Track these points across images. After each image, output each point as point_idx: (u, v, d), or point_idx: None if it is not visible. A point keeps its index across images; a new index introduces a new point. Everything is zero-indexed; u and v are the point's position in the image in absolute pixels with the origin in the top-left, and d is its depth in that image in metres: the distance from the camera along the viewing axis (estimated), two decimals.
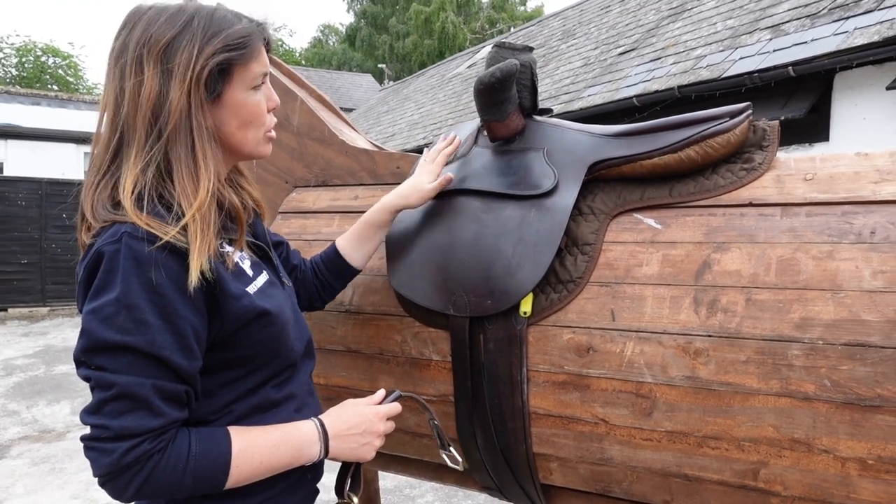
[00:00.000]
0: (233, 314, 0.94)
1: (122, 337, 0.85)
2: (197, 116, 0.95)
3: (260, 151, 1.08)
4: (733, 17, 6.23)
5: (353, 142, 1.74)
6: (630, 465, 1.20)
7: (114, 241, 0.87)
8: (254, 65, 1.00)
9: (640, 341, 1.15)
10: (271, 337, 1.00)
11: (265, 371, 1.02)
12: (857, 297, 1.01)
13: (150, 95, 0.93)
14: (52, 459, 4.23)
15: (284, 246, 1.34)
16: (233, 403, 0.99)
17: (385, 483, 3.73)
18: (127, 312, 0.85)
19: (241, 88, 1.00)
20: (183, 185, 0.92)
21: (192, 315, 0.90)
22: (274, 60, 1.89)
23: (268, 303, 1.00)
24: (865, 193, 1.09)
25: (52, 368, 6.88)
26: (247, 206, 1.12)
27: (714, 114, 1.23)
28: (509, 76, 1.31)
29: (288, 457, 0.98)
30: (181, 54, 0.93)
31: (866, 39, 4.27)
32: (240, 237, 1.01)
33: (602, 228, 1.26)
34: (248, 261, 1.03)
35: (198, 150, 0.94)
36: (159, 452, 0.87)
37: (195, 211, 0.91)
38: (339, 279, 1.37)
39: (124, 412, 0.85)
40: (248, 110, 1.02)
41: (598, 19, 9.78)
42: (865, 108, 4.55)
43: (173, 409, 0.89)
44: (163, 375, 0.88)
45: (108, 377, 0.85)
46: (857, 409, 0.99)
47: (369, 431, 1.07)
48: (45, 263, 11.00)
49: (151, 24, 0.95)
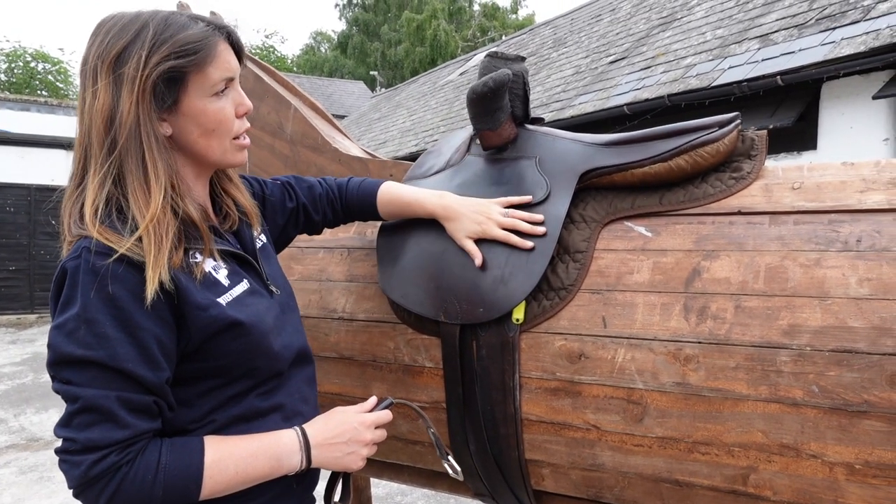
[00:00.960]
0: (198, 325, 0.93)
1: (84, 351, 0.85)
2: (146, 127, 0.93)
3: (228, 160, 1.05)
4: (722, 26, 6.30)
5: (347, 150, 1.75)
6: (621, 470, 1.21)
7: (75, 256, 0.88)
8: (211, 70, 0.97)
9: (632, 348, 1.16)
10: (246, 347, 0.98)
11: (246, 381, 1.01)
12: (843, 304, 1.03)
13: (103, 108, 0.92)
14: (40, 468, 4.19)
15: (298, 204, 1.32)
16: (213, 413, 0.98)
17: (377, 490, 3.72)
18: (87, 327, 0.85)
19: (200, 96, 0.97)
20: (136, 197, 0.92)
21: (156, 326, 0.89)
22: (267, 68, 1.90)
23: (242, 313, 0.98)
24: (851, 202, 1.11)
25: (39, 376, 6.82)
26: (231, 213, 1.11)
27: (703, 123, 1.25)
28: (502, 86, 1.32)
29: (267, 467, 0.96)
30: (129, 64, 0.92)
31: (853, 49, 4.33)
32: (206, 247, 0.99)
33: (593, 236, 1.27)
34: (224, 270, 1.01)
35: (148, 161, 0.93)
36: (127, 464, 0.86)
37: (147, 223, 0.90)
38: (364, 218, 1.40)
39: (90, 425, 0.85)
40: (209, 118, 0.99)
41: (589, 28, 9.86)
42: (852, 118, 4.60)
43: (141, 420, 0.88)
44: (127, 387, 0.87)
45: (74, 391, 0.86)
46: (845, 414, 1.01)
47: (354, 440, 1.05)
48: (34, 270, 10.93)
49: (108, 34, 0.94)
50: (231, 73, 1.01)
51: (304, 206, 1.34)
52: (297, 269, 1.63)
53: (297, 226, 1.36)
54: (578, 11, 11.47)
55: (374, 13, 29.28)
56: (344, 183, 1.39)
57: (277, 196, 1.30)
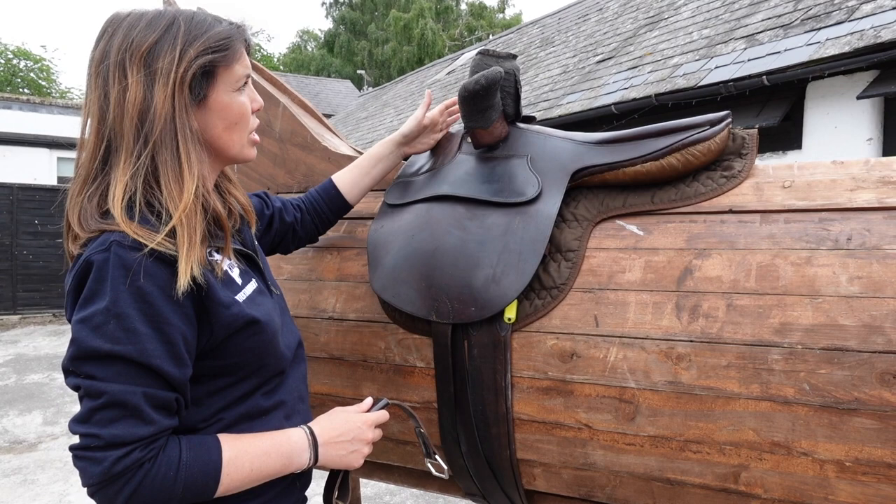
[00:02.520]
0: (222, 322, 0.94)
1: (112, 346, 0.84)
2: (181, 119, 0.94)
3: (245, 154, 1.08)
4: (709, 26, 6.34)
5: (336, 148, 1.74)
6: (613, 469, 1.21)
7: (103, 249, 0.87)
8: (237, 66, 1.01)
9: (624, 347, 1.16)
10: (261, 345, 1.00)
11: (254, 379, 1.02)
12: (834, 302, 1.03)
13: (136, 101, 0.92)
14: (23, 471, 4.13)
15: (274, 210, 1.37)
16: (221, 411, 0.99)
17: (365, 490, 3.71)
18: (117, 321, 0.85)
19: (226, 90, 1.00)
20: (169, 188, 0.92)
21: (182, 323, 0.90)
22: (256, 66, 1.88)
23: (257, 311, 1.00)
24: (842, 201, 1.11)
25: (23, 378, 6.73)
26: (234, 212, 1.12)
27: (694, 122, 1.25)
28: (494, 83, 1.32)
29: (278, 465, 0.98)
30: (164, 58, 0.93)
31: (837, 50, 4.37)
32: (226, 245, 1.01)
33: (585, 235, 1.27)
34: (236, 269, 1.03)
35: (182, 153, 0.94)
36: (150, 461, 0.86)
37: (181, 213, 0.90)
38: (335, 213, 1.47)
39: (115, 420, 0.85)
40: (233, 112, 1.02)
41: (577, 27, 9.88)
42: (837, 117, 4.65)
43: (164, 417, 0.89)
44: (153, 384, 0.87)
45: (99, 386, 0.85)
46: (835, 412, 1.01)
47: (358, 439, 1.07)
48: (16, 270, 10.77)
49: (132, 30, 0.95)
50: (249, 70, 1.05)
51: (280, 211, 1.39)
52: (286, 268, 1.62)
53: (273, 230, 1.39)
54: (565, 11, 11.51)
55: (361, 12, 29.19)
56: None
57: (256, 205, 1.34)
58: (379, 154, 1.48)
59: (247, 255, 1.09)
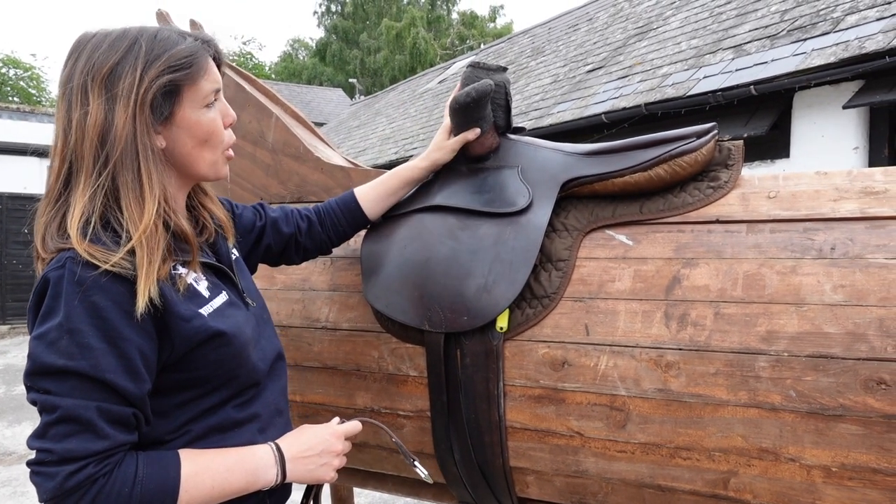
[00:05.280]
0: (183, 335, 0.94)
1: (66, 361, 0.84)
2: (143, 140, 0.94)
3: (217, 172, 1.07)
4: (697, 37, 6.41)
5: (329, 158, 1.75)
6: (605, 476, 1.22)
7: (58, 266, 0.88)
8: (203, 82, 1.00)
9: (614, 355, 1.17)
10: (227, 357, 1.00)
11: (224, 391, 1.01)
12: (819, 310, 1.05)
13: (96, 123, 0.92)
14: (13, 483, 4.10)
15: (266, 221, 1.34)
16: (189, 423, 0.98)
17: (359, 500, 3.70)
18: (70, 337, 0.85)
19: (193, 107, 1.00)
20: (130, 210, 0.92)
21: (139, 337, 0.89)
22: (249, 77, 1.90)
23: (223, 323, 0.99)
24: (825, 211, 1.14)
25: (12, 388, 6.67)
26: (208, 226, 1.12)
27: (682, 133, 1.27)
28: (484, 95, 1.33)
29: (243, 481, 0.97)
30: (124, 80, 0.93)
31: (823, 60, 4.43)
32: (193, 259, 1.00)
33: (575, 245, 1.29)
34: (204, 282, 1.02)
35: (143, 174, 0.94)
36: (104, 476, 0.85)
37: (140, 234, 0.90)
38: (353, 227, 1.43)
39: (69, 435, 0.84)
40: (202, 128, 1.01)
41: (567, 37, 9.96)
42: (823, 127, 4.71)
43: (119, 431, 0.88)
44: (108, 398, 0.87)
45: (53, 400, 0.85)
46: (821, 418, 1.03)
47: (327, 451, 1.07)
48: (6, 280, 10.70)
49: (94, 52, 0.95)
50: (219, 85, 1.04)
51: (274, 222, 1.36)
52: (279, 278, 1.63)
53: (263, 242, 1.34)
54: (556, 21, 11.59)
55: (352, 21, 29.27)
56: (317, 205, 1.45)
57: (248, 216, 1.33)
58: (409, 178, 1.43)
59: (217, 269, 1.08)
